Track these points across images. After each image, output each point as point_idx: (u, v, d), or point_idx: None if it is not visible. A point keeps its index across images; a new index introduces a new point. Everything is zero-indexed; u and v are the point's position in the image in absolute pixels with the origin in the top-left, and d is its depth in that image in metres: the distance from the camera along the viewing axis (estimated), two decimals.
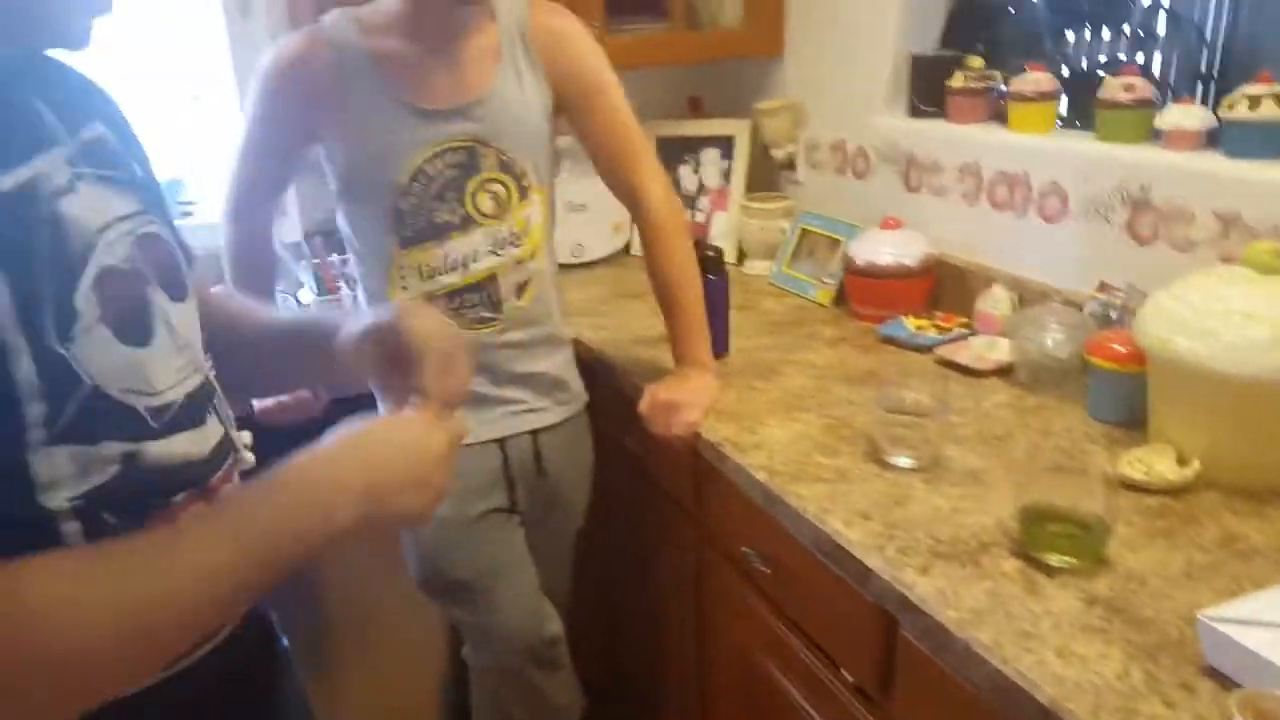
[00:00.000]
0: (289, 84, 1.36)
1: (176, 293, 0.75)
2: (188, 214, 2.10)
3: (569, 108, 1.46)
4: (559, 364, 1.55)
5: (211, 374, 0.80)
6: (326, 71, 1.34)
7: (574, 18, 1.48)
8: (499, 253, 1.43)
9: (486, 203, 1.41)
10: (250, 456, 0.97)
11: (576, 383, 1.60)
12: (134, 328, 0.68)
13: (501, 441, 1.49)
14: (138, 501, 0.68)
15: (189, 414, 0.73)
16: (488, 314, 1.44)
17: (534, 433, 1.52)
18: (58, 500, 0.62)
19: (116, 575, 0.58)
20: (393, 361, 0.83)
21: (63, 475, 0.62)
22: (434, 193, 1.38)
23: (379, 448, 0.73)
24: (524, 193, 1.43)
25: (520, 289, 1.46)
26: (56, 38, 0.67)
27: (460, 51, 1.37)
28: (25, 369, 0.59)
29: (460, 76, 1.37)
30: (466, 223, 1.40)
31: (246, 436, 0.88)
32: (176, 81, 2.10)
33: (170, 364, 0.72)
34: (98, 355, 0.64)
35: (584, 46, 1.45)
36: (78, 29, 0.67)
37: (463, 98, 1.37)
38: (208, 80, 2.10)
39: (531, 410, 1.51)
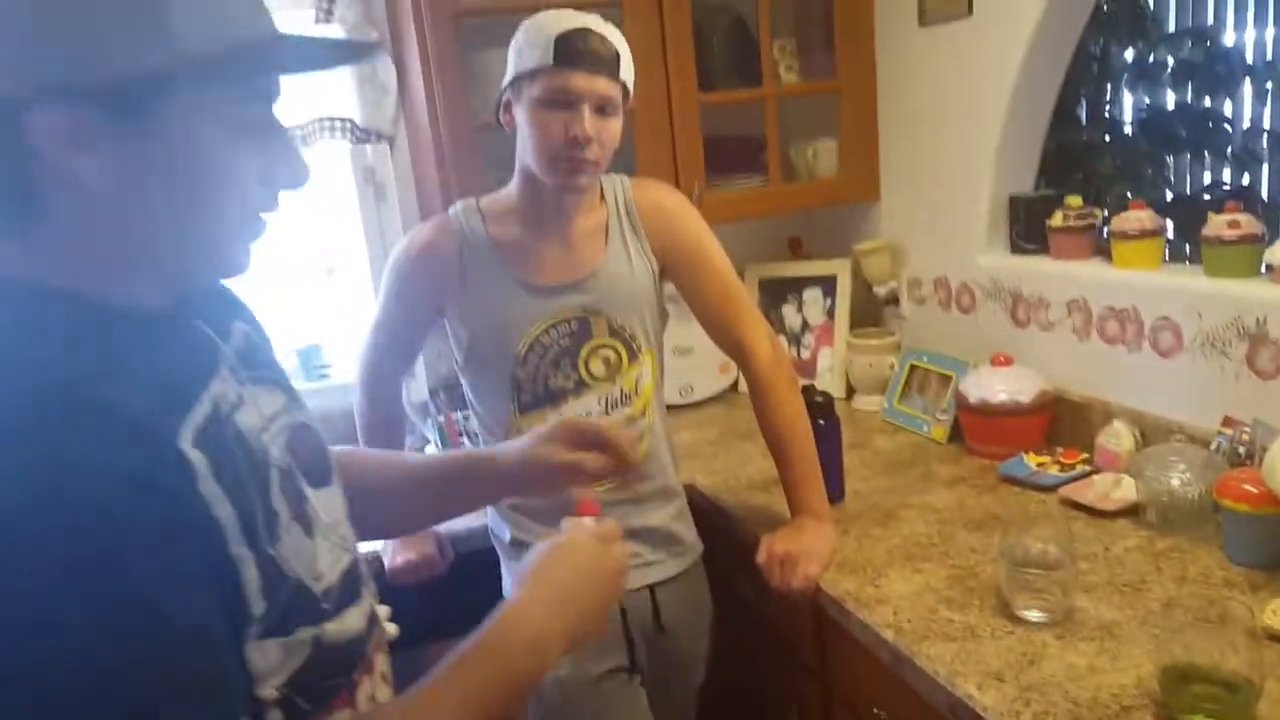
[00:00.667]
0: (420, 267, 1.49)
1: (321, 479, 0.80)
2: (325, 376, 2.27)
3: (675, 274, 1.55)
4: (673, 515, 1.58)
5: (358, 551, 0.86)
6: (452, 256, 1.47)
7: (677, 192, 1.59)
8: (610, 413, 1.50)
9: (599, 367, 1.49)
10: (393, 628, 1.05)
11: (690, 533, 1.63)
12: (306, 521, 0.74)
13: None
14: (324, 684, 0.73)
15: (348, 591, 0.79)
16: None
17: (651, 587, 1.55)
18: (268, 690, 0.68)
19: None
20: (574, 451, 1.00)
21: (272, 665, 0.68)
22: (550, 360, 1.47)
23: (570, 582, 0.84)
24: (634, 355, 1.51)
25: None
26: (226, 268, 0.73)
27: (571, 232, 1.48)
28: (251, 576, 0.65)
29: (572, 254, 1.48)
30: (580, 387, 1.49)
31: (385, 610, 0.96)
32: (314, 254, 2.31)
33: (326, 547, 0.77)
34: (293, 551, 0.70)
35: (687, 218, 1.55)
36: (243, 256, 0.72)
37: (574, 274, 1.47)
38: (343, 254, 2.30)
39: (647, 564, 1.54)
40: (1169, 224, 1.87)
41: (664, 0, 2.01)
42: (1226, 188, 3.58)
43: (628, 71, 1.39)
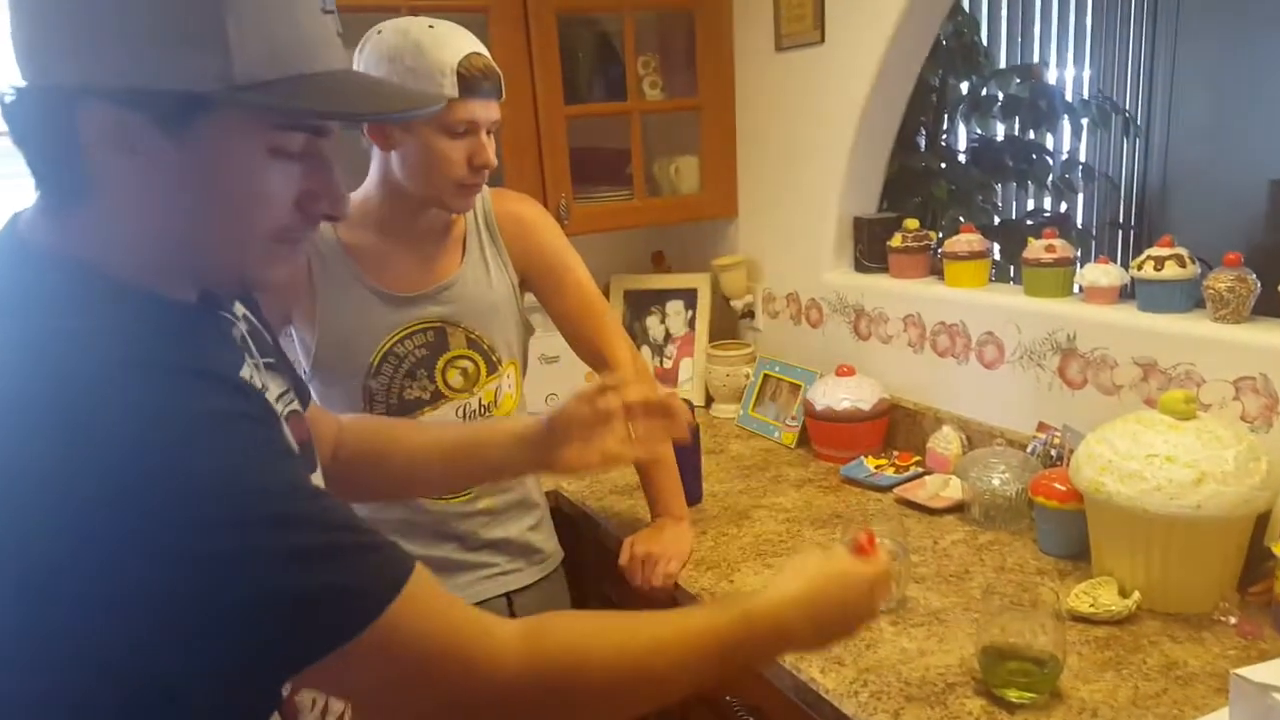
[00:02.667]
0: None
1: (311, 462, 0.84)
2: None
3: (535, 286, 1.56)
4: (530, 526, 1.59)
5: None
6: (300, 262, 1.43)
7: (537, 204, 1.60)
8: (468, 424, 1.49)
9: (456, 378, 1.48)
10: None
11: (550, 542, 1.64)
12: None
13: (476, 606, 1.52)
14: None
15: None
16: None
17: (509, 595, 1.55)
18: None
19: (622, 630, 0.78)
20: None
21: None
22: (405, 371, 1.45)
23: (831, 608, 0.90)
24: (493, 366, 1.51)
25: None
26: (248, 283, 0.75)
27: (429, 243, 1.47)
28: None
29: (429, 264, 1.46)
30: (437, 397, 1.47)
31: None
32: None
33: None
34: None
35: (546, 230, 1.56)
36: (266, 274, 0.74)
37: (431, 284, 1.45)
38: None
39: (504, 573, 1.54)
40: (995, 247, 2.04)
41: (529, 12, 2.04)
42: (1046, 214, 3.90)
43: None
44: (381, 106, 0.74)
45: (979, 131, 3.49)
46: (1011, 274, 2.95)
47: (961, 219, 2.92)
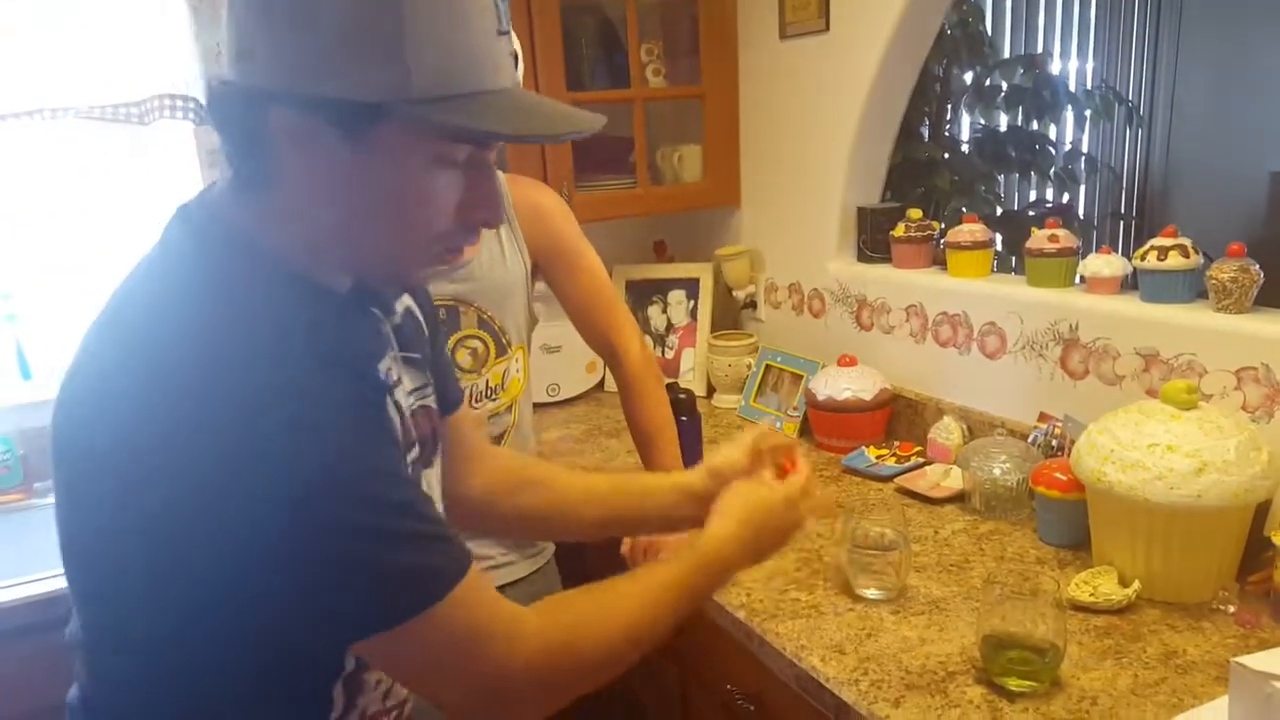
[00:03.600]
0: None
1: (428, 459, 0.89)
2: None
3: (549, 272, 1.59)
4: None
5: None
6: None
7: (552, 192, 1.62)
8: (475, 405, 1.51)
9: (465, 358, 1.50)
10: None
11: None
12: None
13: None
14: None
15: None
16: None
17: (501, 588, 1.55)
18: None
19: (621, 600, 0.88)
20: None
21: None
22: None
23: (754, 532, 1.00)
24: (502, 349, 1.53)
25: (496, 442, 1.54)
26: (401, 283, 0.85)
27: None
28: None
29: None
30: None
31: None
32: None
33: None
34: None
35: (562, 218, 1.59)
36: (420, 277, 0.85)
37: None
38: None
39: (497, 566, 1.55)
40: (998, 237, 2.03)
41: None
42: (1048, 205, 3.90)
43: None
44: (543, 129, 0.77)
45: (982, 122, 3.48)
46: (1013, 265, 2.95)
47: (964, 209, 2.92)
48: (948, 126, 3.33)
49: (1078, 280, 1.69)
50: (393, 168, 0.72)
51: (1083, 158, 4.09)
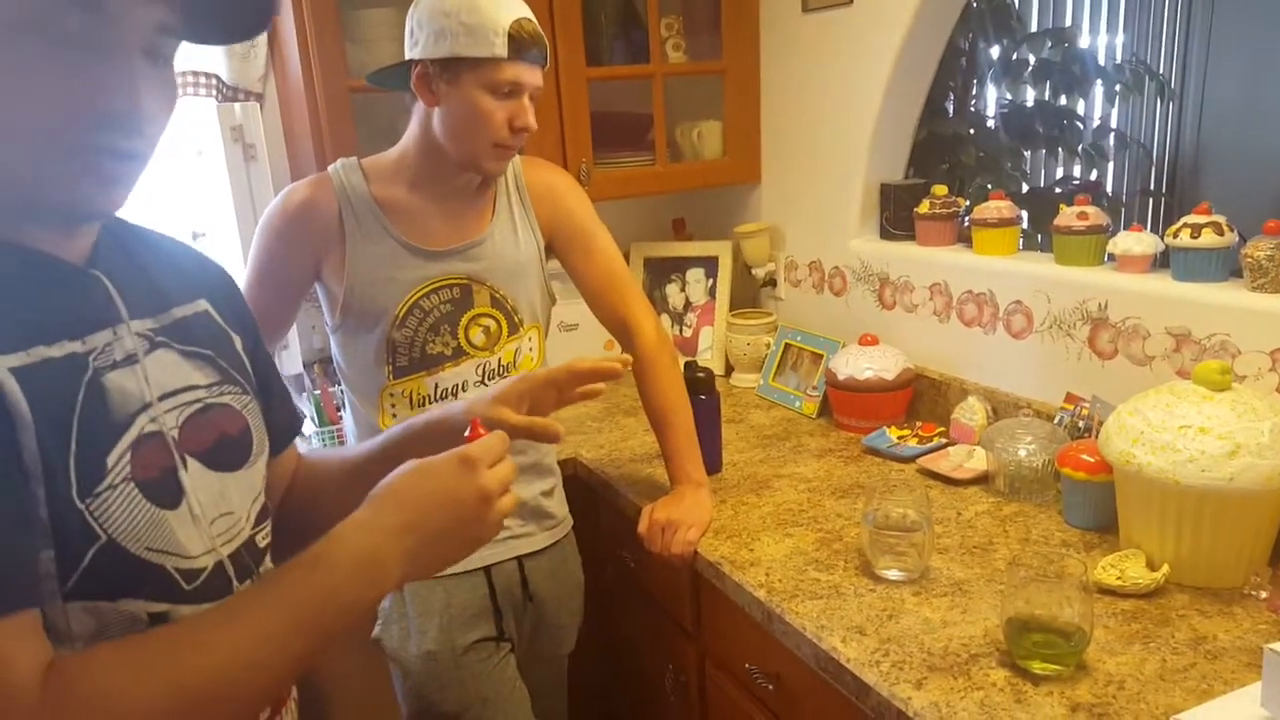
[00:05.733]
0: (297, 224, 1.44)
1: (223, 462, 0.79)
2: None
3: (562, 252, 1.58)
4: (543, 491, 1.59)
5: (261, 543, 0.83)
6: (330, 212, 1.43)
7: (565, 173, 1.62)
8: (486, 383, 1.50)
9: (478, 335, 1.50)
10: None
11: (562, 508, 1.64)
12: (163, 491, 0.73)
13: (487, 570, 1.53)
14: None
15: (221, 581, 0.76)
16: None
17: (520, 559, 1.56)
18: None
19: (167, 657, 0.65)
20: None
21: (81, 631, 0.67)
22: (429, 326, 1.46)
23: (423, 505, 0.76)
24: (515, 327, 1.52)
25: None
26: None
27: (460, 202, 1.49)
28: (41, 517, 0.64)
29: (458, 222, 1.48)
30: (458, 354, 1.48)
31: None
32: (181, 217, 2.21)
33: (202, 529, 0.75)
34: (120, 512, 0.69)
35: (575, 198, 1.58)
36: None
37: (460, 240, 1.47)
38: (211, 217, 2.21)
39: (516, 537, 1.55)
40: (1024, 214, 2.00)
41: None
42: (1076, 182, 3.83)
43: None
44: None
45: (1009, 97, 3.42)
46: (1040, 243, 2.90)
47: (990, 186, 2.87)
48: (974, 101, 3.27)
49: (1107, 258, 1.65)
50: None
51: (1112, 133, 4.01)
